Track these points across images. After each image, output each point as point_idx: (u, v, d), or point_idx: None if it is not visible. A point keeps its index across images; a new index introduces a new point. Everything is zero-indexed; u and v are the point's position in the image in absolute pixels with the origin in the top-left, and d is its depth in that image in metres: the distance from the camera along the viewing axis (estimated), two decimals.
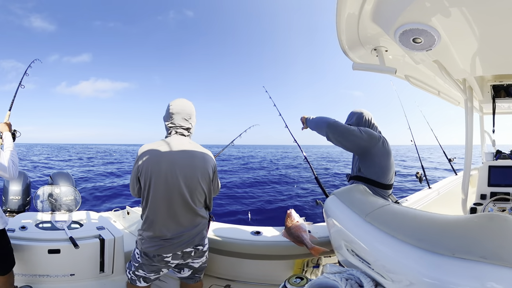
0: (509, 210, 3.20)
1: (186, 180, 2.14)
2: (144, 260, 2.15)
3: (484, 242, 0.85)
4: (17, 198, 3.34)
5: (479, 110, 4.09)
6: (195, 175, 2.18)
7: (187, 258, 2.21)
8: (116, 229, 3.02)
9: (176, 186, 2.11)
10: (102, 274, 2.76)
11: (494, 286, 0.76)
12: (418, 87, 2.86)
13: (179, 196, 2.12)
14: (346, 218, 1.29)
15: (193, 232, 2.18)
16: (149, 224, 2.14)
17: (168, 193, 2.11)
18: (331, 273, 1.15)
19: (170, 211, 2.12)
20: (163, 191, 2.11)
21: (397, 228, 1.04)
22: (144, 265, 2.16)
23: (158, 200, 2.12)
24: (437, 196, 4.56)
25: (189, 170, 2.15)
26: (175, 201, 2.12)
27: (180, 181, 2.12)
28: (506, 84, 2.87)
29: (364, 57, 2.19)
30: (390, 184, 2.53)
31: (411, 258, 0.92)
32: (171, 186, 2.11)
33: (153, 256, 2.12)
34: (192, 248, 2.19)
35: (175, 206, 2.12)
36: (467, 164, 2.91)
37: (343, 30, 1.83)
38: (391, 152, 2.55)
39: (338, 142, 2.46)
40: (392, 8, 1.43)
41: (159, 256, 2.12)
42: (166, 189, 2.11)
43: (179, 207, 2.13)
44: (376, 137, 2.47)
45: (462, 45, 1.74)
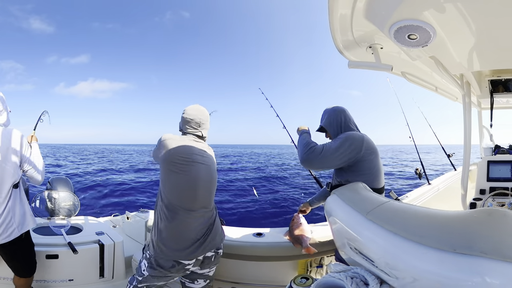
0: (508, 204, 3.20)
1: (209, 183, 2.16)
2: (155, 272, 2.00)
3: (484, 237, 0.85)
4: None
5: (477, 105, 4.10)
6: (215, 175, 2.24)
7: (206, 265, 2.12)
8: (115, 234, 3.01)
9: (203, 188, 2.10)
10: (102, 280, 2.75)
11: (495, 281, 0.76)
12: (415, 84, 2.86)
13: (205, 198, 2.11)
14: (348, 216, 1.29)
15: (213, 232, 2.11)
16: (172, 225, 2.01)
17: (190, 187, 2.05)
18: (336, 272, 1.15)
19: (192, 204, 2.05)
20: (184, 185, 2.05)
21: (399, 225, 1.04)
22: (153, 276, 2.02)
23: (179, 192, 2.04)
24: (436, 192, 4.57)
25: (209, 168, 2.17)
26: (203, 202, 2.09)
27: (205, 183, 2.12)
28: (504, 79, 2.87)
29: (360, 55, 2.19)
30: (383, 187, 2.29)
31: (414, 254, 0.93)
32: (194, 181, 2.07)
33: (172, 265, 1.98)
34: (213, 252, 2.11)
35: (201, 208, 2.08)
36: (466, 160, 2.92)
37: (337, 29, 1.83)
38: (377, 150, 2.26)
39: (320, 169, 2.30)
40: (386, 5, 1.43)
41: (179, 265, 1.98)
42: (188, 182, 2.05)
43: (204, 209, 2.09)
44: (358, 144, 2.15)
45: (459, 40, 1.74)
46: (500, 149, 4.29)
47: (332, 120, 2.35)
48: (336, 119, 2.33)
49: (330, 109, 2.41)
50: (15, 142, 2.24)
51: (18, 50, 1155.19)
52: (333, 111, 2.38)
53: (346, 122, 2.32)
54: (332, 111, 2.38)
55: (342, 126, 2.31)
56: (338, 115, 2.34)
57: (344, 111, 2.36)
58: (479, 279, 0.77)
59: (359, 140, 2.13)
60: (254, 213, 8.93)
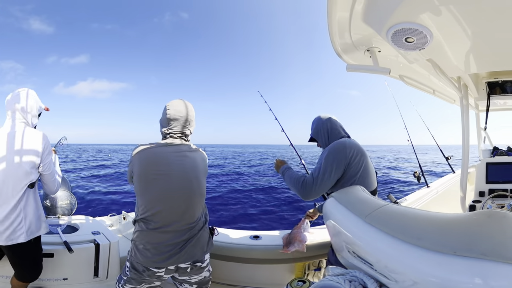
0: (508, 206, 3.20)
1: (189, 184, 1.99)
2: (133, 274, 1.98)
3: (484, 239, 0.85)
4: None
5: (474, 108, 4.11)
6: (197, 177, 2.04)
7: (182, 274, 2.03)
8: (111, 234, 3.01)
9: (178, 190, 1.95)
10: (96, 279, 2.73)
11: (496, 283, 0.76)
12: (413, 87, 2.87)
13: (182, 200, 1.95)
14: (346, 220, 1.29)
15: (192, 245, 1.98)
16: (142, 233, 1.95)
17: (169, 197, 1.93)
18: (334, 275, 1.14)
19: (169, 217, 1.93)
20: (160, 195, 1.92)
21: (398, 228, 1.04)
22: (133, 279, 1.99)
23: (156, 204, 1.92)
24: (435, 194, 4.57)
25: (192, 172, 2.01)
26: (177, 205, 1.94)
27: (183, 184, 1.97)
28: (501, 81, 2.88)
29: (358, 58, 2.20)
30: (375, 189, 2.26)
31: (413, 257, 0.92)
32: (173, 190, 1.94)
33: (142, 270, 1.93)
34: (188, 264, 1.99)
35: (176, 212, 1.94)
36: (464, 162, 2.92)
37: (335, 33, 1.84)
38: (363, 151, 2.22)
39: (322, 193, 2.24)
40: (383, 8, 1.43)
41: (149, 271, 1.93)
42: (167, 193, 1.93)
43: (181, 213, 1.95)
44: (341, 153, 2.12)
45: (455, 43, 1.75)
46: (499, 151, 4.30)
47: (319, 130, 2.38)
48: (323, 128, 2.37)
49: (316, 118, 2.44)
50: (37, 142, 2.21)
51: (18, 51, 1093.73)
52: (319, 120, 2.41)
53: (332, 129, 2.35)
54: (318, 121, 2.42)
55: (328, 134, 2.34)
56: (324, 123, 2.37)
57: (329, 119, 2.38)
58: (481, 282, 0.77)
59: (341, 149, 2.14)
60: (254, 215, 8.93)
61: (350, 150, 2.13)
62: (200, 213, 2.06)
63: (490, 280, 0.76)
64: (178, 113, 2.04)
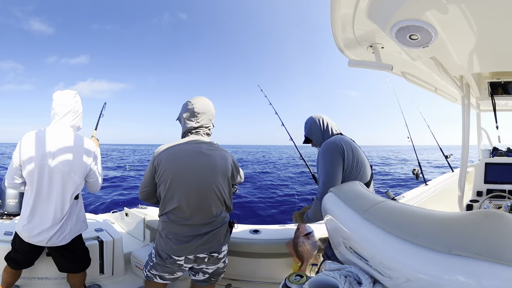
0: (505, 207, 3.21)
1: (209, 186, 2.08)
2: (158, 260, 2.12)
3: (480, 239, 0.85)
4: (14, 201, 3.31)
5: (476, 107, 4.11)
6: (215, 176, 2.10)
7: (200, 263, 2.15)
8: (115, 230, 3.03)
9: (194, 187, 2.05)
10: (102, 276, 2.76)
11: (489, 283, 0.76)
12: (415, 84, 2.86)
13: (197, 197, 2.05)
14: (344, 215, 1.29)
15: (209, 238, 2.09)
16: (165, 223, 2.09)
17: (186, 193, 2.04)
18: (330, 270, 1.15)
19: (187, 212, 2.05)
20: (180, 191, 2.04)
21: (394, 225, 1.04)
22: (158, 265, 2.13)
23: (175, 199, 2.04)
24: (433, 193, 4.58)
25: (209, 171, 2.09)
26: (193, 202, 2.05)
27: (199, 183, 2.06)
28: (504, 81, 2.87)
29: (360, 54, 2.19)
30: (369, 180, 2.27)
31: (408, 255, 0.92)
32: (190, 187, 2.04)
33: (165, 257, 2.08)
34: (206, 255, 2.10)
35: (192, 207, 2.05)
36: (463, 161, 2.92)
37: (338, 28, 1.82)
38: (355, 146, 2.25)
39: None
40: (388, 5, 1.43)
41: (171, 258, 2.06)
42: (184, 189, 2.04)
43: (196, 208, 2.06)
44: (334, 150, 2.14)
45: (459, 42, 1.74)
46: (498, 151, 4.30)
47: (312, 129, 2.42)
48: (316, 127, 2.40)
49: (309, 118, 2.48)
50: (87, 154, 2.24)
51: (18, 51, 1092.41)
52: (311, 120, 2.45)
53: (325, 128, 2.38)
54: (311, 120, 2.45)
55: (322, 132, 2.38)
56: (316, 123, 2.41)
57: (321, 118, 2.42)
58: (473, 282, 0.77)
59: (333, 148, 2.16)
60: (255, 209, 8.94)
61: (341, 146, 2.16)
62: (219, 210, 2.14)
63: (483, 280, 0.76)
64: (206, 107, 2.17)
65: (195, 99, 2.18)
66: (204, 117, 2.16)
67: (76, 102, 2.29)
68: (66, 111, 2.22)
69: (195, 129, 2.15)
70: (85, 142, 2.25)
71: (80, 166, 2.20)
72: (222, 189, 2.13)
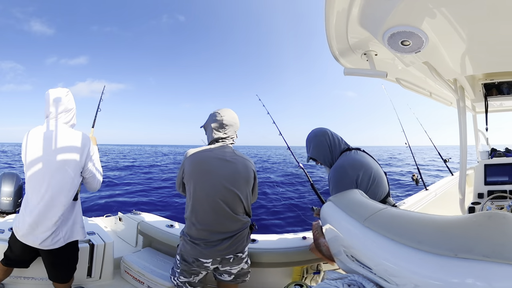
0: (507, 207, 3.20)
1: (232, 192, 2.18)
2: (183, 265, 2.21)
3: (485, 240, 0.84)
4: (8, 199, 3.29)
5: (471, 109, 4.12)
6: (237, 182, 2.21)
7: (225, 264, 2.24)
8: (106, 235, 3.04)
9: (218, 192, 2.15)
10: (89, 279, 2.77)
11: (499, 285, 0.75)
12: (410, 90, 2.88)
13: (221, 202, 2.15)
14: (344, 223, 1.28)
15: (234, 240, 2.20)
16: (190, 227, 2.19)
17: (210, 198, 2.14)
18: (332, 279, 1.13)
19: (213, 216, 2.15)
20: (205, 196, 2.15)
21: (397, 232, 1.03)
22: (185, 270, 2.22)
23: (200, 205, 2.16)
24: (434, 197, 4.57)
25: (232, 178, 2.19)
26: (218, 207, 2.15)
27: (222, 188, 2.16)
28: (497, 82, 2.89)
29: (355, 62, 2.20)
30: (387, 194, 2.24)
31: (414, 261, 0.91)
32: (214, 192, 2.15)
33: (192, 261, 2.17)
34: (232, 255, 2.22)
35: (218, 212, 2.15)
36: (462, 164, 2.92)
37: (332, 36, 1.84)
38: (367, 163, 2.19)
39: None
40: (378, 12, 1.44)
41: (198, 261, 2.16)
42: (208, 194, 2.15)
43: (221, 213, 2.16)
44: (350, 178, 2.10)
45: (451, 46, 1.76)
46: (497, 152, 4.30)
47: (319, 148, 2.34)
48: (322, 145, 2.32)
49: (311, 136, 2.39)
50: (82, 148, 2.23)
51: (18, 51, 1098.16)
52: (316, 138, 2.36)
53: (332, 146, 2.31)
54: (315, 138, 2.36)
55: (331, 150, 2.30)
56: (322, 141, 2.33)
57: (326, 134, 2.34)
58: (484, 284, 0.76)
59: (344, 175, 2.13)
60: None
61: (352, 171, 2.11)
62: (241, 213, 2.26)
63: (493, 281, 0.75)
64: (233, 119, 2.31)
65: (223, 111, 2.31)
66: (231, 129, 2.30)
67: (69, 100, 2.30)
68: (60, 109, 2.24)
69: (222, 139, 2.29)
70: (79, 137, 2.25)
71: (75, 160, 2.19)
72: (244, 194, 2.24)
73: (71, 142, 2.20)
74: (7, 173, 3.47)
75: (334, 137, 2.33)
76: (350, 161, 2.17)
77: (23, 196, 3.36)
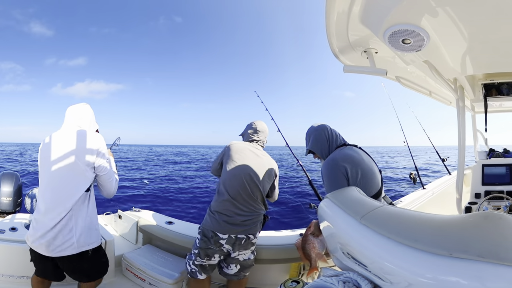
0: (504, 208, 3.21)
1: (255, 177, 2.65)
2: (202, 242, 2.55)
3: (481, 241, 0.84)
4: (8, 199, 3.29)
5: (471, 109, 4.12)
6: (261, 174, 2.70)
7: (237, 246, 2.54)
8: (107, 232, 3.05)
9: (247, 175, 2.63)
10: None
11: (494, 285, 0.75)
12: (409, 88, 2.87)
13: (245, 183, 2.61)
14: (341, 220, 1.28)
15: (251, 220, 2.58)
16: (216, 199, 2.64)
17: (239, 177, 2.62)
18: (328, 276, 1.13)
19: (237, 190, 2.59)
20: (235, 175, 2.63)
21: (393, 230, 1.03)
22: (201, 249, 2.55)
23: (229, 180, 2.63)
24: (431, 196, 4.58)
25: (258, 169, 2.69)
26: (242, 185, 2.60)
27: (249, 172, 2.64)
28: (497, 83, 2.89)
29: (355, 59, 2.20)
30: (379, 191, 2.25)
31: (409, 259, 0.91)
32: (243, 174, 2.63)
33: (210, 236, 2.51)
34: (244, 235, 2.55)
35: (242, 188, 2.59)
36: (460, 164, 2.92)
37: (332, 34, 1.83)
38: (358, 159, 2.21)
39: None
40: (380, 10, 1.43)
41: (216, 236, 2.50)
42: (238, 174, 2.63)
43: (244, 191, 2.59)
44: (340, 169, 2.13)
45: (452, 45, 1.75)
46: (495, 152, 4.31)
47: (318, 141, 2.36)
48: (321, 139, 2.35)
49: (311, 130, 2.42)
50: (92, 142, 2.19)
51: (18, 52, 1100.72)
52: (315, 131, 2.39)
53: (331, 138, 2.34)
54: (314, 132, 2.39)
55: (328, 144, 2.34)
56: (321, 134, 2.36)
57: (325, 129, 2.38)
58: (478, 284, 0.76)
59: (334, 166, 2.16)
60: None
61: (342, 164, 2.13)
62: (259, 199, 2.69)
63: (488, 282, 0.75)
64: (264, 128, 2.97)
65: (257, 122, 2.97)
66: (262, 135, 2.92)
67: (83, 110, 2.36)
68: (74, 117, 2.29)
69: (256, 141, 2.88)
70: (90, 133, 2.25)
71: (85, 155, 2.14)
72: (264, 186, 2.72)
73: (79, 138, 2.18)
74: (7, 173, 3.47)
75: (332, 132, 2.36)
76: (341, 154, 2.19)
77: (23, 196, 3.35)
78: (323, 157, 2.33)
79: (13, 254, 2.51)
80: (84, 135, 2.19)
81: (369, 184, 2.17)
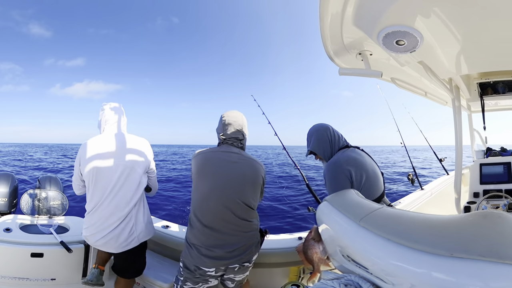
0: (503, 206, 3.22)
1: (233, 192, 2.10)
2: (186, 273, 2.12)
3: (481, 240, 0.84)
4: (3, 200, 3.26)
5: (466, 109, 4.13)
6: (243, 184, 2.14)
7: (229, 273, 2.15)
8: None
9: (218, 192, 2.08)
10: (84, 280, 2.74)
11: (496, 284, 0.75)
12: (405, 89, 2.88)
13: (220, 203, 2.07)
14: (340, 223, 1.28)
15: (243, 247, 2.11)
16: (192, 232, 2.12)
17: (209, 198, 2.09)
18: (328, 279, 1.13)
19: (208, 218, 2.07)
20: (202, 197, 2.11)
21: (393, 231, 1.03)
22: (188, 278, 2.13)
23: (197, 203, 2.12)
24: (430, 197, 4.57)
25: (236, 180, 2.13)
26: (215, 208, 2.07)
27: (223, 189, 2.09)
28: (493, 81, 2.90)
29: (350, 61, 2.20)
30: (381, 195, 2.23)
31: (410, 260, 0.91)
32: (213, 192, 2.09)
33: (194, 269, 2.08)
34: (238, 265, 2.12)
35: (222, 218, 2.07)
36: (458, 163, 2.92)
37: (327, 36, 1.84)
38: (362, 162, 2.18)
39: None
40: (373, 12, 1.44)
41: (200, 270, 2.07)
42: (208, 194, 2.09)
43: (226, 218, 2.08)
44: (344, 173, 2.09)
45: (446, 45, 1.75)
46: (492, 151, 4.32)
47: (320, 142, 2.31)
48: (323, 140, 2.30)
49: (313, 130, 2.37)
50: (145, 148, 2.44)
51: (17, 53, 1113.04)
52: (317, 132, 2.34)
53: (333, 141, 2.30)
54: (316, 132, 2.34)
55: (331, 145, 2.29)
56: (323, 135, 2.31)
57: (327, 129, 2.33)
58: (480, 283, 0.76)
59: (338, 170, 2.12)
60: None
61: (347, 167, 2.10)
62: (247, 217, 2.15)
63: (490, 281, 0.75)
64: (233, 118, 2.26)
65: (226, 113, 2.31)
66: (231, 128, 2.23)
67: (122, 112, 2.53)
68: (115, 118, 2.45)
69: (225, 140, 2.24)
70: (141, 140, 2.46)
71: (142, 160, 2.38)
72: (248, 199, 2.15)
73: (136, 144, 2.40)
74: (2, 173, 3.43)
75: (335, 133, 2.32)
76: (345, 157, 2.17)
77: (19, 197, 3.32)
78: (325, 159, 2.29)
79: (7, 255, 2.48)
80: (141, 142, 2.45)
81: (373, 187, 2.16)
